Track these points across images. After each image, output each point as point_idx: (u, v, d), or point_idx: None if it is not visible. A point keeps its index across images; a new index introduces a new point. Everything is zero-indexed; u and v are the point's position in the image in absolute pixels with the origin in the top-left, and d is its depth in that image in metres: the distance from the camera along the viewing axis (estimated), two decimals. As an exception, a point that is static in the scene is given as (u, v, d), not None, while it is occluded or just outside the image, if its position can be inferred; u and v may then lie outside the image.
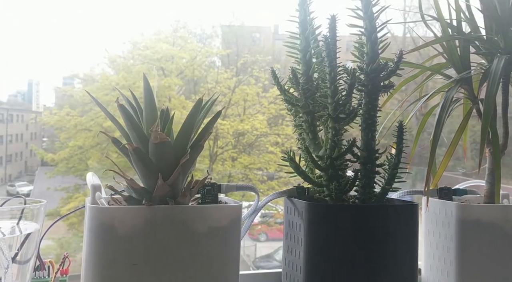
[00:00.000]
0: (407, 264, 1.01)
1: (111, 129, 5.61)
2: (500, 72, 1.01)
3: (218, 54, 7.51)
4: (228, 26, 7.87)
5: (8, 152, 6.84)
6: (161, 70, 6.86)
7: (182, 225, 0.82)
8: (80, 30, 6.17)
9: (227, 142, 7.04)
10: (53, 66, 6.06)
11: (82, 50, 6.17)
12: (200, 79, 7.33)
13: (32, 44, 5.39)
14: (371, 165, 1.05)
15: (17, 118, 7.10)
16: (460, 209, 1.05)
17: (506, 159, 1.84)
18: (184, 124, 0.84)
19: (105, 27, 6.03)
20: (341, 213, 0.98)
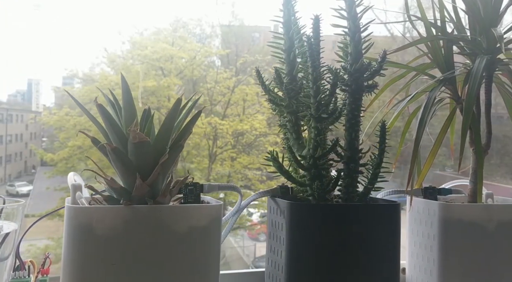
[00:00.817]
0: (390, 263, 1.01)
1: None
2: (482, 72, 1.01)
3: (217, 54, 7.51)
4: (227, 26, 7.87)
5: (8, 151, 6.84)
6: (160, 70, 6.86)
7: (162, 224, 0.83)
8: (80, 30, 6.17)
9: (226, 141, 7.04)
10: (53, 66, 6.05)
11: (82, 50, 6.17)
12: (200, 79, 7.32)
13: (32, 44, 5.39)
14: (354, 164, 1.05)
15: (16, 118, 7.10)
16: (442, 208, 1.05)
17: (506, 159, 1.83)
18: (163, 124, 0.85)
19: (105, 27, 6.03)
20: (322, 212, 0.98)
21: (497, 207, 1.08)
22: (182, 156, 6.36)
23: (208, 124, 6.55)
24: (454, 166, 1.54)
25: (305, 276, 0.96)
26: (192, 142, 6.31)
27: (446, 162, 3.02)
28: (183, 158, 6.32)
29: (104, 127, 0.84)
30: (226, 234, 1.06)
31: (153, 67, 6.67)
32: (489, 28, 1.07)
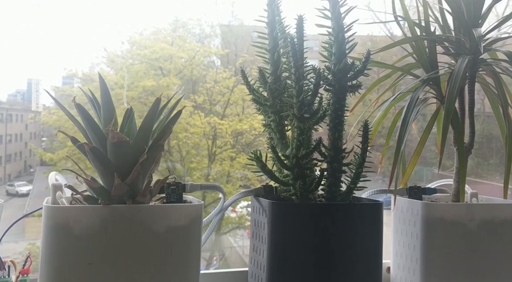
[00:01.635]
0: (372, 262, 1.02)
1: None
2: (463, 72, 1.02)
3: (217, 54, 7.51)
4: (227, 26, 7.87)
5: (8, 151, 6.85)
6: (159, 70, 6.86)
7: (140, 224, 0.83)
8: (80, 30, 6.17)
9: (226, 141, 7.04)
10: (53, 66, 6.06)
11: (81, 50, 6.17)
12: (199, 79, 7.33)
13: (32, 44, 5.40)
14: (337, 164, 1.06)
15: (16, 118, 7.10)
16: (425, 208, 1.06)
17: None
18: (142, 124, 0.85)
19: (105, 26, 6.03)
20: (304, 212, 0.99)
21: (479, 206, 1.09)
22: (182, 155, 6.37)
23: (208, 124, 6.55)
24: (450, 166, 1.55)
25: (287, 275, 0.97)
26: (192, 142, 6.31)
27: (445, 161, 3.03)
28: (183, 158, 6.33)
29: (84, 127, 0.85)
30: (209, 233, 1.07)
31: (153, 67, 6.67)
32: (471, 28, 1.08)
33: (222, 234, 5.33)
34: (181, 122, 6.04)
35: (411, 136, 1.39)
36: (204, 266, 4.42)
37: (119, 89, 5.95)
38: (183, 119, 6.06)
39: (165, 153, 6.36)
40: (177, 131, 6.03)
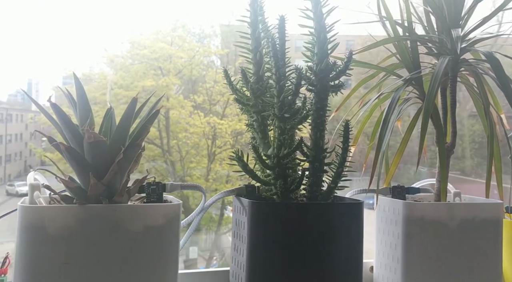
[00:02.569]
0: (353, 261, 1.02)
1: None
2: (443, 72, 1.02)
3: (216, 54, 7.52)
4: (227, 26, 7.88)
5: (8, 151, 6.85)
6: (159, 70, 6.87)
7: (117, 223, 0.84)
8: (80, 30, 6.18)
9: (225, 141, 7.05)
10: (53, 65, 6.06)
11: (81, 50, 6.18)
12: (199, 79, 7.34)
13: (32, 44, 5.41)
14: (319, 163, 1.06)
15: (16, 118, 7.10)
16: (405, 207, 1.06)
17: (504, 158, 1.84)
18: (119, 124, 0.86)
19: (104, 27, 6.04)
20: (283, 211, 0.99)
21: (459, 205, 1.09)
22: (181, 155, 6.37)
23: (207, 124, 6.55)
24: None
25: (266, 274, 0.97)
26: (191, 142, 6.31)
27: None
28: (182, 158, 6.33)
29: (61, 127, 0.85)
30: (190, 233, 1.07)
31: (152, 66, 6.67)
32: (449, 29, 1.08)
33: (222, 234, 5.34)
34: (181, 123, 6.04)
35: (411, 136, 1.40)
36: (204, 266, 4.43)
37: (119, 89, 5.95)
38: (183, 119, 6.06)
39: (164, 153, 6.37)
40: (176, 131, 6.04)
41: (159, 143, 6.09)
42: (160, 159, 5.72)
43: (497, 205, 1.10)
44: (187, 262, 3.99)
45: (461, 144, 2.86)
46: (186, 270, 1.15)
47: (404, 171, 2.02)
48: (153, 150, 5.72)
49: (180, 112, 6.26)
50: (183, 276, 1.13)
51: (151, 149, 5.56)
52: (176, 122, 6.20)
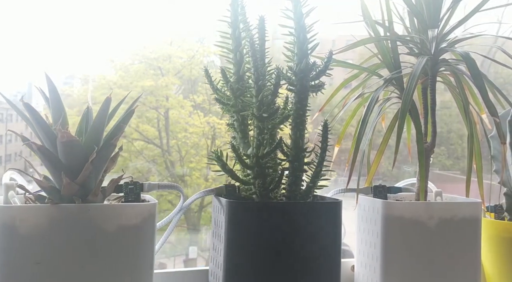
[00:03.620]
0: (330, 261, 1.02)
1: (108, 129, 5.64)
2: (420, 72, 1.02)
3: (216, 54, 7.48)
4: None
5: (8, 151, 6.86)
6: (158, 70, 6.86)
7: (90, 223, 0.84)
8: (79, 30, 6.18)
9: (225, 141, 7.03)
10: (52, 65, 6.06)
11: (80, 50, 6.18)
12: (198, 79, 7.32)
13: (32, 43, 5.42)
14: (298, 163, 1.07)
15: (16, 117, 7.11)
16: (384, 206, 1.07)
17: None
18: (93, 123, 0.86)
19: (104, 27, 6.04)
20: (260, 210, 0.99)
21: (438, 204, 1.09)
22: (181, 155, 6.37)
23: (207, 124, 6.55)
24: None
25: (243, 274, 0.98)
26: (191, 142, 6.31)
27: (445, 161, 3.03)
28: (182, 158, 6.33)
29: (35, 127, 0.86)
30: (169, 233, 1.07)
31: (151, 66, 6.68)
32: (426, 29, 1.09)
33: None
34: (181, 122, 6.04)
35: (411, 136, 1.40)
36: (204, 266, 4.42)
37: (118, 88, 5.96)
38: (182, 119, 6.06)
39: (164, 153, 6.38)
40: (176, 131, 6.04)
41: (158, 143, 6.09)
42: (160, 159, 5.73)
43: (476, 204, 1.10)
44: (187, 262, 3.99)
45: (461, 143, 2.87)
46: (169, 269, 1.15)
47: (404, 171, 2.02)
48: (153, 150, 5.72)
49: (179, 112, 6.26)
50: (163, 275, 1.14)
51: (150, 149, 5.56)
52: (176, 122, 6.20)
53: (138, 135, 3.53)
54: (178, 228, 2.32)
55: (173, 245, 2.67)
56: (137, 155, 3.40)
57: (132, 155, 3.25)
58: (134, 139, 3.37)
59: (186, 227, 2.83)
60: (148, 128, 3.86)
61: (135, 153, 3.38)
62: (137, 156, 3.40)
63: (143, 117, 3.59)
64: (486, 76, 1.11)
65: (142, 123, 3.57)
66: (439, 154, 2.14)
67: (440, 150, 1.98)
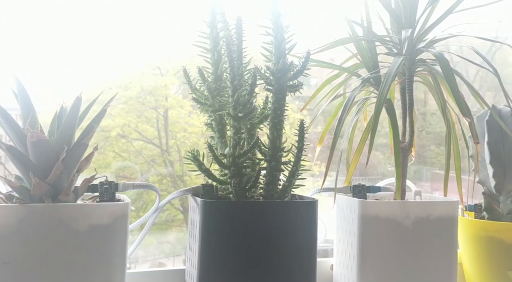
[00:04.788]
0: (306, 260, 1.03)
1: (108, 129, 5.65)
2: (395, 72, 1.03)
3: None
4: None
5: (8, 151, 6.87)
6: (158, 70, 6.86)
7: (60, 223, 0.84)
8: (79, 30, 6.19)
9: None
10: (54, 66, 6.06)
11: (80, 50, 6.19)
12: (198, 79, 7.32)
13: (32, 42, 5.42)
14: (275, 162, 1.07)
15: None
16: (360, 205, 1.07)
17: None
18: (63, 123, 0.87)
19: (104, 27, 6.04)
20: (234, 210, 1.00)
21: (413, 203, 1.10)
22: (180, 155, 6.38)
23: (207, 123, 6.54)
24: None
25: (217, 274, 0.98)
26: (190, 142, 6.32)
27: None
28: (181, 158, 6.34)
29: (5, 127, 0.86)
30: (145, 233, 1.08)
31: (150, 66, 6.69)
32: (400, 29, 1.09)
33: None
34: (180, 122, 6.05)
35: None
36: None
37: (117, 88, 5.97)
38: (181, 119, 6.07)
39: (163, 153, 6.38)
40: (175, 131, 6.05)
41: (158, 143, 6.10)
42: (159, 159, 5.73)
43: (452, 203, 1.10)
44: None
45: (461, 143, 2.86)
46: (146, 269, 1.15)
47: None
48: (152, 150, 5.73)
49: (179, 112, 6.27)
50: (141, 275, 1.14)
51: (150, 149, 5.56)
52: (175, 122, 6.20)
53: (138, 135, 3.53)
54: (177, 228, 2.33)
55: (172, 245, 2.67)
56: (136, 154, 3.40)
57: (132, 155, 3.25)
58: (133, 139, 3.37)
59: (186, 227, 2.83)
60: (147, 128, 3.85)
61: (134, 153, 3.38)
62: (137, 156, 3.39)
63: (142, 117, 3.59)
64: (463, 76, 1.11)
65: (141, 123, 3.57)
66: (439, 154, 2.14)
67: (439, 149, 1.98)
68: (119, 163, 2.39)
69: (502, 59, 1.97)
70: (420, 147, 1.94)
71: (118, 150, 2.73)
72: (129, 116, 2.73)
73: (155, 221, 1.09)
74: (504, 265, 1.17)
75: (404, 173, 1.14)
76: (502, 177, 1.20)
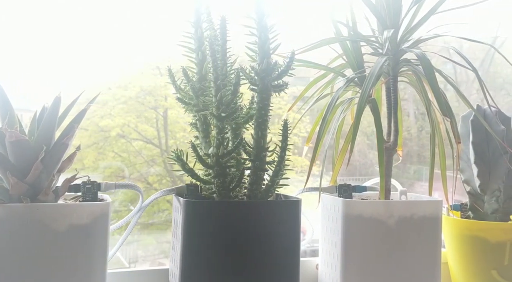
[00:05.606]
0: (289, 260, 1.03)
1: (107, 129, 5.66)
2: (377, 72, 1.03)
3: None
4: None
5: None
6: (157, 70, 6.86)
7: (39, 223, 0.84)
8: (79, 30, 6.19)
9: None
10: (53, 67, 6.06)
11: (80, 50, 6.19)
12: (197, 78, 7.31)
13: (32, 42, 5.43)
14: (259, 162, 1.07)
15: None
16: (344, 205, 1.07)
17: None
18: (43, 123, 0.87)
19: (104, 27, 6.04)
20: (216, 210, 1.00)
21: (397, 203, 1.09)
22: (180, 154, 6.40)
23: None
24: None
25: (200, 273, 0.98)
26: (190, 142, 6.32)
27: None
28: (181, 157, 6.33)
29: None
30: (128, 233, 1.08)
31: (150, 66, 6.69)
32: (383, 29, 1.09)
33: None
34: (179, 122, 6.07)
35: (410, 136, 1.40)
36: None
37: (116, 88, 5.97)
38: (181, 119, 6.08)
39: (163, 153, 6.39)
40: (175, 131, 6.05)
41: (157, 143, 6.11)
42: (159, 159, 5.74)
43: (436, 203, 1.10)
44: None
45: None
46: (130, 269, 1.15)
47: (403, 171, 2.03)
48: (152, 150, 5.73)
49: (178, 112, 6.27)
50: (123, 275, 1.14)
51: (149, 149, 5.57)
52: (175, 122, 6.21)
53: (137, 135, 3.53)
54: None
55: (172, 245, 2.68)
56: (136, 155, 3.40)
57: (131, 155, 3.25)
58: (133, 139, 3.37)
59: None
60: (147, 128, 3.85)
61: (134, 153, 3.38)
62: (136, 156, 3.40)
63: (141, 117, 3.59)
64: (447, 76, 1.11)
65: (141, 123, 3.57)
66: (438, 154, 2.14)
67: (439, 149, 1.98)
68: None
69: (502, 59, 1.97)
70: (420, 146, 1.94)
71: (117, 150, 2.72)
72: (129, 116, 2.72)
73: (155, 221, 1.09)
74: (488, 264, 1.17)
75: (388, 173, 1.14)
76: (487, 177, 1.20)
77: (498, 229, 1.17)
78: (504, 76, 2.25)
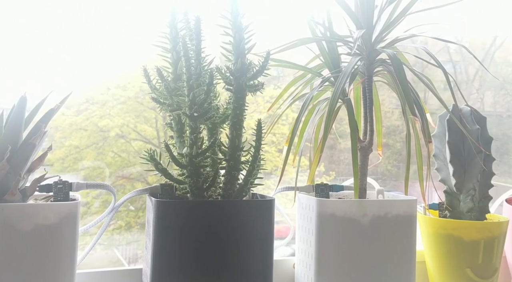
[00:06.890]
0: (262, 259, 1.03)
1: (107, 129, 5.64)
2: (349, 72, 1.03)
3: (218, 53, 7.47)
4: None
5: (7, 151, 6.88)
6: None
7: (4, 223, 0.84)
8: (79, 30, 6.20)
9: (224, 141, 7.02)
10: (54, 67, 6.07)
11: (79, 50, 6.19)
12: (197, 78, 7.30)
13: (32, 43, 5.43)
14: (234, 162, 1.07)
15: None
16: (318, 204, 1.07)
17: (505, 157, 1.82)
18: (8, 123, 0.87)
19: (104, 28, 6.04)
20: (189, 210, 1.00)
21: (371, 202, 1.09)
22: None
23: (205, 123, 6.54)
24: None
25: (170, 274, 0.98)
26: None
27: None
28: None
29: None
30: (101, 233, 1.08)
31: (149, 66, 6.68)
32: (357, 29, 1.09)
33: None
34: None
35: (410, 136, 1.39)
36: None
37: (115, 88, 5.98)
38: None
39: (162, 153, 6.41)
40: (175, 131, 6.04)
41: (157, 143, 6.11)
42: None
43: (410, 202, 1.10)
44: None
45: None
46: (104, 268, 1.15)
47: (403, 170, 2.02)
48: (151, 150, 5.74)
49: (178, 112, 6.27)
50: (96, 275, 1.14)
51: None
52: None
53: (136, 135, 3.53)
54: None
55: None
56: (135, 155, 3.40)
57: (131, 155, 3.25)
58: (132, 139, 3.37)
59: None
60: (146, 128, 3.85)
61: (133, 153, 3.38)
62: (136, 156, 3.40)
63: (141, 117, 3.59)
64: (422, 76, 1.11)
65: (140, 123, 3.57)
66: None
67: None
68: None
69: (503, 59, 1.96)
70: (421, 146, 1.93)
71: (117, 150, 2.72)
72: (128, 116, 2.72)
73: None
74: (463, 262, 1.18)
75: (364, 172, 1.14)
76: (462, 176, 1.20)
77: (472, 227, 1.17)
78: (504, 76, 2.25)
